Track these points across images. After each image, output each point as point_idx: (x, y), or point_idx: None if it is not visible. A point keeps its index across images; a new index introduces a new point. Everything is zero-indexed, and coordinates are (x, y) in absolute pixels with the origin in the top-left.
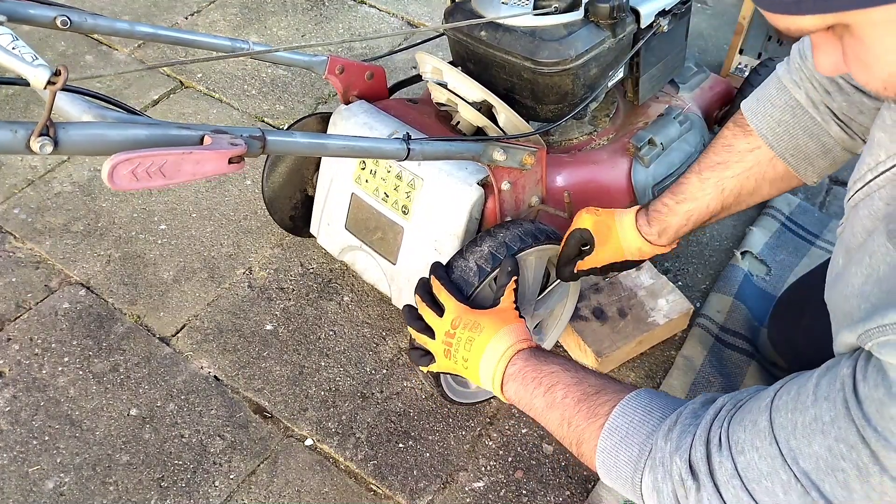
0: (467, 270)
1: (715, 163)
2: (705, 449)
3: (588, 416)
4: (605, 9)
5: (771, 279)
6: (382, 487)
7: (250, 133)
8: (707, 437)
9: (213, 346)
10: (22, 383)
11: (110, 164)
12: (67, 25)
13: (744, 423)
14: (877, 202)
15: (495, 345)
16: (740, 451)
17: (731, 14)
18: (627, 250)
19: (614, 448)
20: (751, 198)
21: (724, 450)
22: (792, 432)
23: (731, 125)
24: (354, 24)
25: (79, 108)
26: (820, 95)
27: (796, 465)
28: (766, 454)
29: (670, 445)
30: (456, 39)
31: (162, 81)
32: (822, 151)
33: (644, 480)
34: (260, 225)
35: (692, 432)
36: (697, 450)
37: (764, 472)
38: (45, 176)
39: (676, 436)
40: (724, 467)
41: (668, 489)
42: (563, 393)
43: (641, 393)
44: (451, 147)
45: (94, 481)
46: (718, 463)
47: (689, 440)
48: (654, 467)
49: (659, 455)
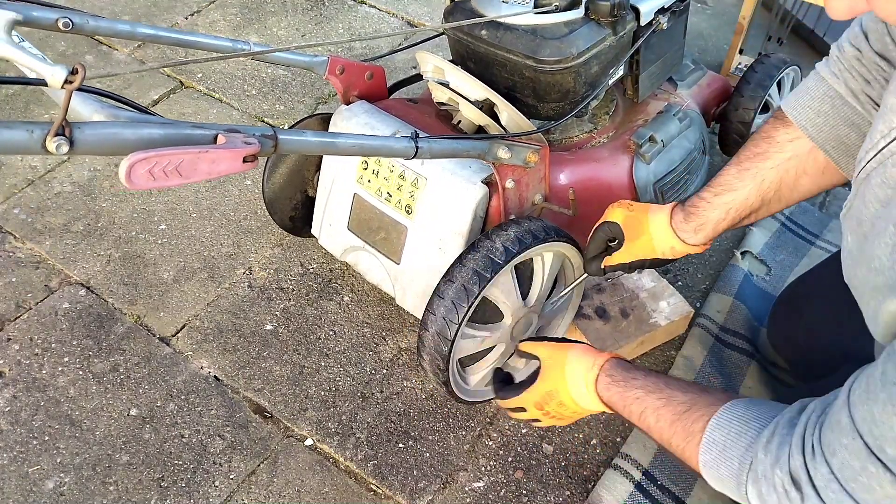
0: (494, 250)
1: (754, 153)
2: (802, 458)
3: (685, 437)
4: (605, 7)
5: (771, 279)
6: (382, 487)
7: (262, 132)
8: (802, 446)
9: (213, 346)
10: (22, 383)
11: (128, 164)
12: (69, 27)
13: (831, 424)
14: (890, 169)
15: (576, 390)
16: (832, 454)
17: (731, 14)
18: (659, 248)
19: (714, 463)
20: (791, 193)
21: (817, 455)
22: (872, 423)
23: (772, 120)
24: (354, 24)
25: (90, 107)
26: (860, 84)
27: (884, 453)
28: (854, 450)
29: (770, 457)
30: (456, 39)
31: (162, 81)
32: (861, 141)
33: (749, 492)
34: (260, 225)
35: (789, 441)
36: (795, 459)
37: (857, 468)
38: (45, 176)
39: (776, 447)
40: (821, 472)
41: (773, 501)
42: (654, 418)
43: (737, 403)
44: (457, 145)
45: (94, 481)
46: (814, 469)
47: (786, 450)
48: (756, 480)
49: (761, 468)
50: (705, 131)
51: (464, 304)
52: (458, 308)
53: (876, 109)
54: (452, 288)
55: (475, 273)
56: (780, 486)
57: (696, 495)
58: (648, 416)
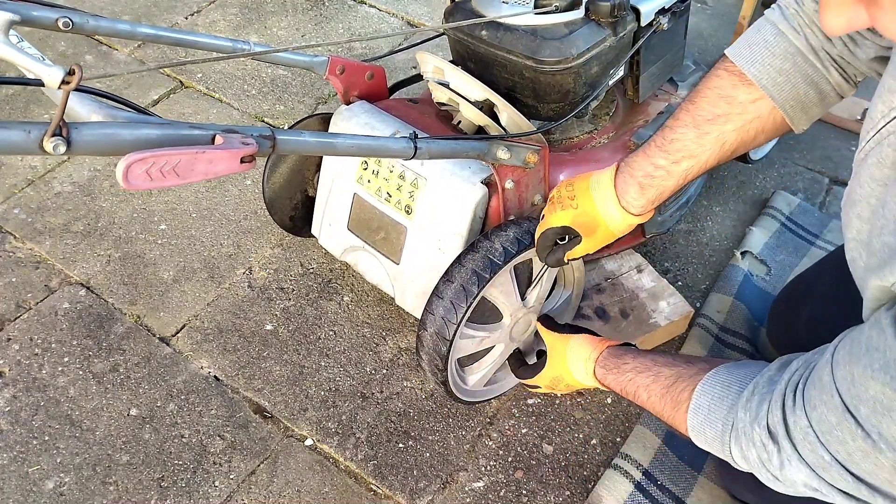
0: (493, 250)
1: (714, 115)
2: (781, 412)
3: (673, 407)
4: (605, 7)
5: (771, 279)
6: (382, 487)
7: (260, 132)
8: (782, 401)
9: (213, 346)
10: (22, 383)
11: (125, 164)
12: (69, 27)
13: (814, 381)
14: (885, 149)
15: (579, 376)
16: (813, 408)
17: (731, 14)
18: (618, 231)
19: (701, 426)
20: (744, 149)
21: (798, 409)
22: (851, 383)
23: (724, 73)
24: (354, 24)
25: (88, 107)
26: (820, 41)
27: (858, 412)
28: (833, 406)
29: (749, 415)
30: (456, 39)
31: (162, 81)
32: (818, 99)
33: (733, 452)
34: (260, 225)
35: (768, 399)
36: (774, 414)
37: (833, 423)
38: (45, 176)
39: (755, 405)
40: (799, 425)
41: (753, 456)
42: (646, 395)
43: (720, 370)
44: (456, 146)
45: (94, 481)
46: (794, 422)
47: (765, 407)
48: (737, 438)
49: (741, 426)
50: None
51: (462, 305)
52: (456, 308)
53: (835, 67)
54: (451, 288)
55: (474, 273)
56: (759, 441)
57: (696, 495)
58: (641, 393)
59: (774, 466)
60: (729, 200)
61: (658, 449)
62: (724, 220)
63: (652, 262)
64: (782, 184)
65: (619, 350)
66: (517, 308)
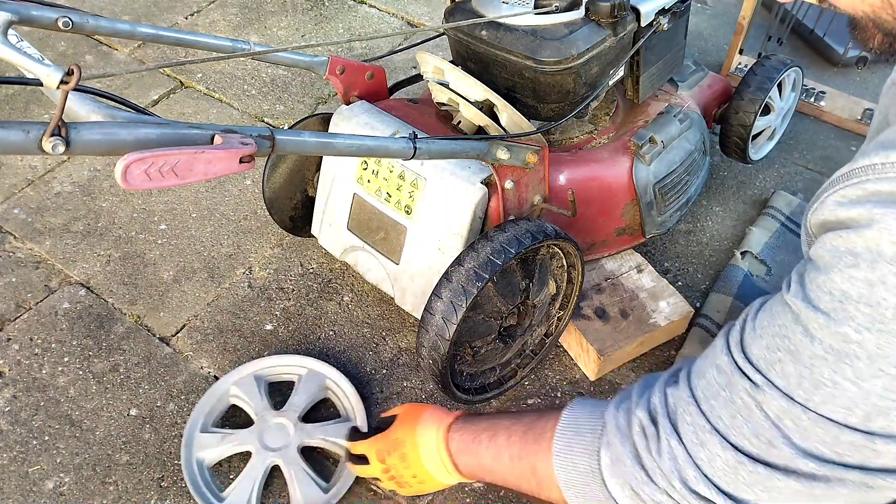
0: (493, 250)
1: None
2: (663, 395)
3: (536, 439)
4: (606, 7)
5: (771, 279)
6: (382, 487)
7: (259, 132)
8: (665, 383)
9: (213, 346)
10: (22, 383)
11: (123, 164)
12: (69, 27)
13: (705, 354)
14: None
15: (424, 441)
16: (700, 376)
17: (731, 14)
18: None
19: (568, 447)
20: None
21: (681, 383)
22: (739, 343)
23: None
24: (354, 24)
25: (87, 107)
26: None
27: (748, 366)
28: (723, 366)
29: (623, 410)
30: (456, 39)
31: (162, 81)
32: None
33: (602, 461)
34: (260, 225)
35: (651, 387)
36: (656, 396)
37: (722, 383)
38: (45, 176)
39: (633, 399)
40: (682, 397)
41: (627, 451)
42: (505, 435)
43: (584, 399)
44: (456, 146)
45: (94, 481)
46: (677, 397)
47: (646, 396)
48: (609, 441)
49: (612, 423)
50: (706, 132)
51: (462, 305)
52: (456, 308)
53: None
54: (451, 288)
55: (474, 273)
56: (638, 427)
57: None
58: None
59: (652, 456)
60: (729, 200)
61: None
62: (724, 220)
63: (652, 262)
64: (782, 184)
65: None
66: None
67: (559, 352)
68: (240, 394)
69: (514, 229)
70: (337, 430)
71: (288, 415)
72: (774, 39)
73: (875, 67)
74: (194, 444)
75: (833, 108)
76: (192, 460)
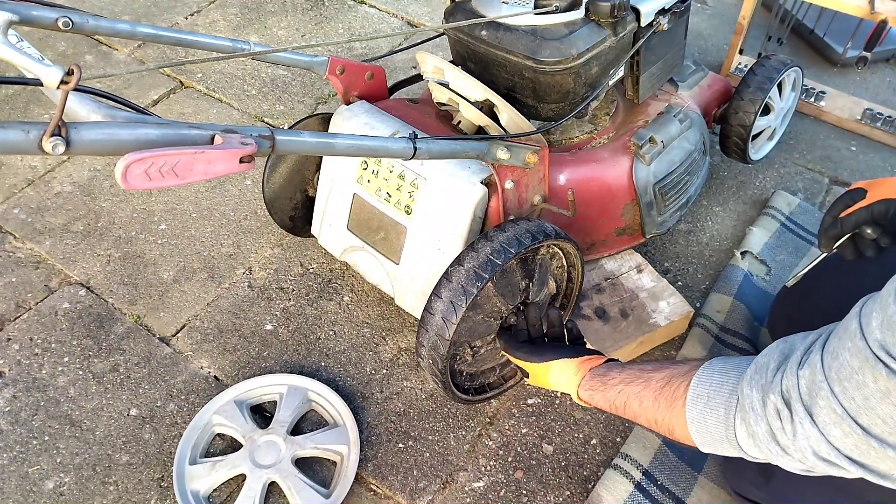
0: (493, 250)
1: None
2: (796, 377)
3: (669, 406)
4: (605, 7)
5: (771, 279)
6: (382, 487)
7: (260, 132)
8: (799, 362)
9: (213, 346)
10: (22, 383)
11: (124, 164)
12: (69, 27)
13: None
14: None
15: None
16: (834, 357)
17: (731, 14)
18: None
19: (701, 416)
20: None
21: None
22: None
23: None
24: (354, 24)
25: (88, 107)
26: None
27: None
28: (856, 350)
29: (757, 390)
30: (456, 39)
31: (162, 81)
32: None
33: (738, 433)
34: (260, 225)
35: (784, 367)
36: (790, 379)
37: (855, 367)
38: (45, 176)
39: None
40: (816, 379)
41: (762, 430)
42: (637, 403)
43: (713, 362)
44: (456, 146)
45: (94, 481)
46: (811, 378)
47: (779, 375)
48: (744, 416)
49: (748, 402)
50: (706, 132)
51: (462, 305)
52: (456, 308)
53: None
54: (451, 288)
55: (474, 273)
56: (773, 409)
57: (695, 495)
58: (633, 403)
59: (787, 436)
60: (729, 200)
61: (658, 449)
62: (724, 220)
63: (652, 262)
64: (782, 184)
65: (603, 369)
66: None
67: None
68: (223, 421)
69: (514, 229)
70: (327, 437)
71: (276, 431)
72: (774, 39)
73: (875, 67)
74: (185, 477)
75: (833, 108)
76: (188, 493)
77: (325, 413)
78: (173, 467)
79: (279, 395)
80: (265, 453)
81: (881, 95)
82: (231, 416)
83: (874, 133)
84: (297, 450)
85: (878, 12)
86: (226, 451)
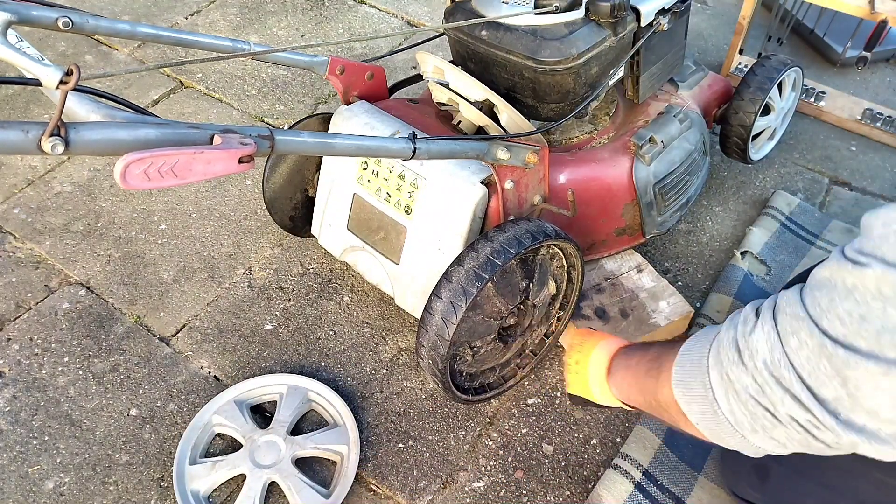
0: (493, 250)
1: None
2: (774, 299)
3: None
4: (606, 7)
5: (771, 279)
6: (382, 487)
7: (259, 132)
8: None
9: (213, 346)
10: (22, 383)
11: (123, 164)
12: (69, 27)
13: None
14: None
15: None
16: (812, 283)
17: (731, 14)
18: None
19: (682, 370)
20: None
21: (794, 291)
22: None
23: None
24: (354, 24)
25: (87, 107)
26: None
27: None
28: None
29: (733, 322)
30: (456, 39)
31: (162, 81)
32: None
33: (710, 362)
34: (260, 225)
35: (762, 302)
36: (766, 303)
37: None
38: (45, 176)
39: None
40: (787, 295)
41: (730, 336)
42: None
43: (698, 332)
44: (455, 146)
45: (94, 481)
46: (783, 295)
47: (759, 303)
48: (717, 345)
49: (721, 335)
50: (706, 132)
51: (462, 305)
52: (456, 308)
53: None
54: (451, 288)
55: (474, 273)
56: (743, 316)
57: (695, 495)
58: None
59: (745, 338)
60: (729, 200)
61: (658, 449)
62: (724, 220)
63: (652, 262)
64: (782, 184)
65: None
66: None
67: (559, 352)
68: (223, 421)
69: (514, 229)
70: (327, 437)
71: (276, 431)
72: (774, 39)
73: (875, 67)
74: (185, 477)
75: (833, 107)
76: (187, 493)
77: (325, 413)
78: (173, 467)
79: (279, 395)
80: (265, 453)
81: (881, 95)
82: (231, 416)
83: (874, 133)
84: (297, 450)
85: (878, 12)
86: (226, 451)
